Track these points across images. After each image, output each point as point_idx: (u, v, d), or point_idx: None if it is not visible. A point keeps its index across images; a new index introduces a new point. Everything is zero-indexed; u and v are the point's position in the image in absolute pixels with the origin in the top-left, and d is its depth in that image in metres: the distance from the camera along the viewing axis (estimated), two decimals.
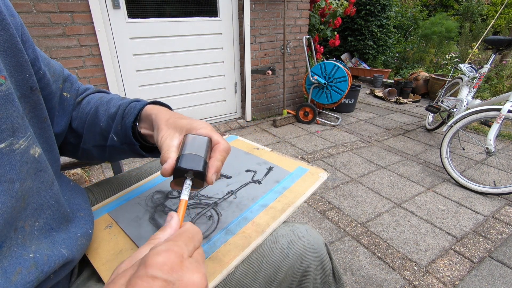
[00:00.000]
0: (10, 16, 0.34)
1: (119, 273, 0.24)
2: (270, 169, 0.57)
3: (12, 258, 0.29)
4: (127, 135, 0.43)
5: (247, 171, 0.58)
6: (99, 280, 0.40)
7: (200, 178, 0.34)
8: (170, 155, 0.34)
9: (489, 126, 1.68)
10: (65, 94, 0.46)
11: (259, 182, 0.54)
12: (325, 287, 0.51)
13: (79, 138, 0.49)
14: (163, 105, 0.47)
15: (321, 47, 3.14)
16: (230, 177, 0.56)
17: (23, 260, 0.30)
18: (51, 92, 0.43)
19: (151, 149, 0.48)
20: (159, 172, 0.62)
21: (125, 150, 0.46)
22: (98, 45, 1.99)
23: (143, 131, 0.44)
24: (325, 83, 2.67)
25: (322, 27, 3.12)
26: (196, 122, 0.38)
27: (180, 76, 2.50)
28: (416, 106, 3.44)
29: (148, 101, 0.46)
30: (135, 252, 0.26)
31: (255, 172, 0.57)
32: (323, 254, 0.49)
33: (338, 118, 2.89)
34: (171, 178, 0.35)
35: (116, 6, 2.02)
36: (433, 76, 3.57)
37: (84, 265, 0.44)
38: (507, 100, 1.64)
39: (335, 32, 3.20)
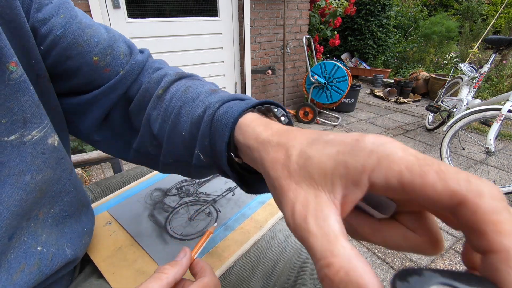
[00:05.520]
0: None
1: None
2: None
3: (20, 251, 0.29)
4: (218, 159, 0.28)
5: None
6: (100, 276, 0.41)
7: None
8: (363, 281, 0.13)
9: (489, 125, 1.68)
10: (106, 70, 0.35)
11: None
12: None
13: (160, 149, 0.34)
14: (273, 104, 0.29)
15: (321, 46, 3.14)
16: None
17: (30, 254, 0.30)
18: (66, 70, 0.33)
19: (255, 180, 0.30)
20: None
21: (216, 172, 0.31)
22: None
23: (244, 160, 0.27)
24: (325, 83, 2.67)
25: (322, 26, 3.12)
26: (362, 152, 0.16)
27: None
28: (416, 105, 3.44)
29: (249, 103, 0.27)
30: (142, 286, 0.26)
31: None
32: None
33: (338, 118, 2.89)
34: (171, 175, 0.34)
35: (116, 6, 2.03)
36: (433, 75, 3.57)
37: (86, 263, 0.44)
38: (507, 100, 1.64)
39: (335, 32, 3.20)
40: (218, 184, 0.54)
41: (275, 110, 0.28)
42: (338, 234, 0.15)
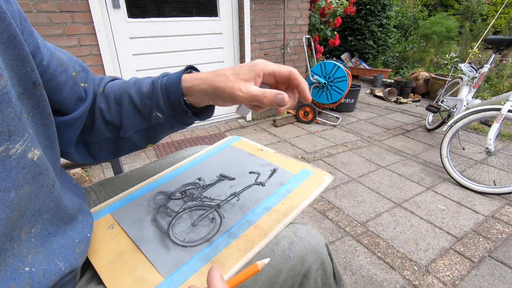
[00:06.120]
0: (6, 3, 0.30)
1: None
2: (274, 171, 0.57)
3: (6, 273, 0.28)
4: (178, 107, 0.42)
5: (250, 172, 0.57)
6: (100, 282, 0.40)
7: None
8: (270, 93, 0.38)
9: (489, 125, 1.68)
10: (82, 85, 0.43)
11: (262, 184, 0.54)
12: None
13: (117, 130, 0.46)
14: (192, 68, 0.46)
15: (321, 46, 3.13)
16: (233, 179, 0.56)
17: (18, 275, 0.28)
18: (59, 84, 0.39)
19: (198, 114, 0.46)
20: (162, 172, 0.62)
21: (172, 124, 0.45)
22: (98, 45, 1.99)
23: (191, 101, 0.43)
24: (325, 83, 2.67)
25: (322, 26, 3.11)
26: (241, 71, 0.39)
27: None
28: (416, 106, 3.44)
29: (181, 70, 0.44)
30: None
31: (258, 174, 0.57)
32: (324, 255, 0.49)
33: (338, 118, 2.89)
34: (178, 173, 0.35)
35: (116, 5, 2.02)
36: (433, 75, 3.57)
37: (87, 267, 0.44)
38: (507, 100, 1.64)
39: (335, 32, 3.20)
40: (223, 189, 0.54)
41: (197, 69, 0.46)
42: (256, 88, 0.38)
